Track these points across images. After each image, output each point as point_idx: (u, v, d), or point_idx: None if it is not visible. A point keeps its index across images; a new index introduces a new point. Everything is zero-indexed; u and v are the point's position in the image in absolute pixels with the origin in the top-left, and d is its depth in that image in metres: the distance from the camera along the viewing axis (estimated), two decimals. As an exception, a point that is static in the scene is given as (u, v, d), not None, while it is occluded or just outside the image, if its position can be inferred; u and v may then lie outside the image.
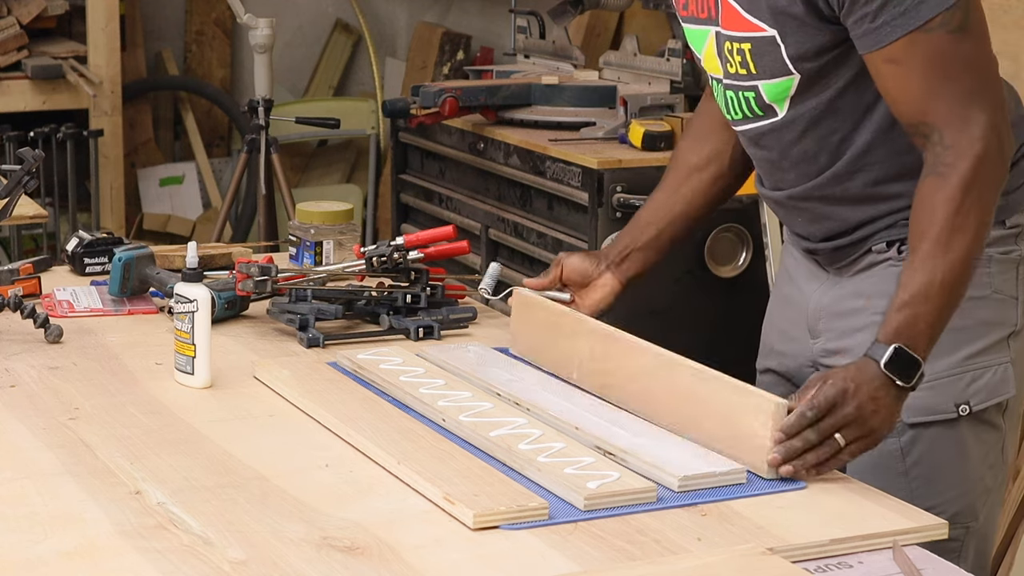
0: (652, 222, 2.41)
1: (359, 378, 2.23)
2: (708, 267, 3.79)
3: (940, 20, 1.96)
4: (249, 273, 2.44)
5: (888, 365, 1.92)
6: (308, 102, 6.15)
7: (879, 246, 2.16)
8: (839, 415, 1.90)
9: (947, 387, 2.13)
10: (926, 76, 1.98)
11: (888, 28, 1.97)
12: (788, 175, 2.20)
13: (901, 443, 2.14)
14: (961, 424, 2.14)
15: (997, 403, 2.16)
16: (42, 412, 2.10)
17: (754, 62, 2.10)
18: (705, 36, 2.18)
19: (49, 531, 1.72)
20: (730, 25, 2.11)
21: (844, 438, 1.90)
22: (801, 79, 2.09)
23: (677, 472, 1.85)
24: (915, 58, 1.98)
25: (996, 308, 2.15)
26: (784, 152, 2.18)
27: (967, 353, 2.14)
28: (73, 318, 2.51)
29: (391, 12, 6.38)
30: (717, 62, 2.17)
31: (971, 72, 1.99)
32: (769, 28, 2.06)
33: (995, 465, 2.18)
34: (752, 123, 2.18)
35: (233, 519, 1.76)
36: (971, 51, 1.99)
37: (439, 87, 4.17)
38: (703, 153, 2.40)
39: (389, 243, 2.56)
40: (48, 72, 5.25)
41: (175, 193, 6.09)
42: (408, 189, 4.61)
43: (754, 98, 2.14)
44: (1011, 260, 2.16)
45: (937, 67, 1.98)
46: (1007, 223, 2.15)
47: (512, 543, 1.72)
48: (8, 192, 2.57)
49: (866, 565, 1.72)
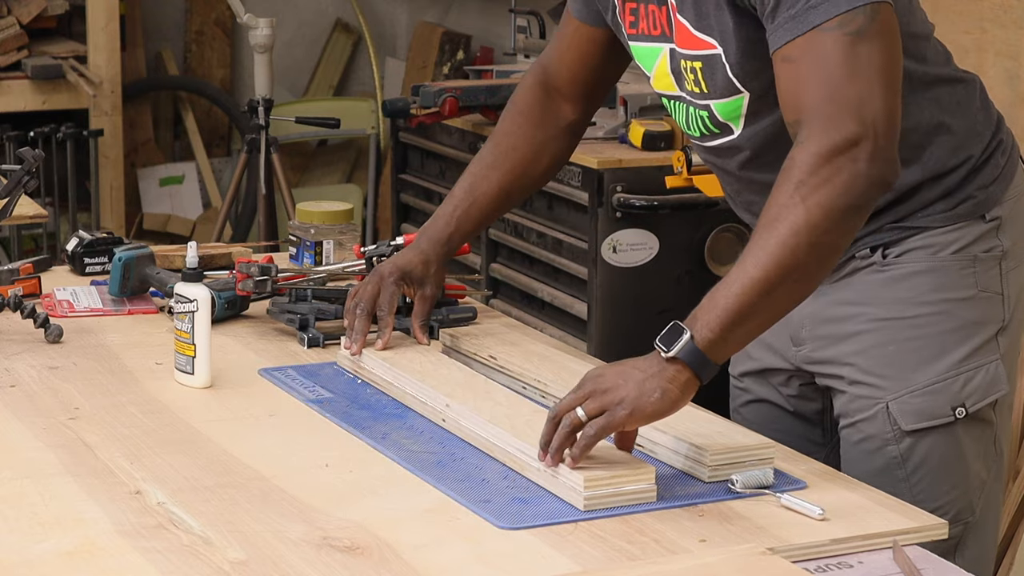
0: (487, 215, 2.38)
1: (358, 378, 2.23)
2: (708, 267, 3.79)
3: (839, 21, 1.88)
4: (249, 273, 2.44)
5: (660, 337, 1.86)
6: (308, 102, 6.15)
7: (862, 252, 2.14)
8: (579, 393, 1.84)
9: (942, 391, 2.12)
10: (812, 75, 1.89)
11: (785, 28, 1.91)
12: (757, 196, 2.16)
13: (900, 450, 2.14)
14: (957, 426, 2.13)
15: (991, 402, 2.16)
16: (42, 412, 2.10)
17: (705, 81, 2.07)
18: (657, 54, 2.14)
19: (49, 531, 1.72)
20: (683, 43, 2.08)
21: (587, 412, 1.82)
22: (751, 98, 2.05)
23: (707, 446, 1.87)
24: (806, 57, 1.90)
25: (984, 307, 2.15)
26: (747, 170, 2.15)
27: (959, 356, 2.13)
28: (73, 318, 2.51)
29: (391, 12, 6.38)
30: (671, 79, 2.14)
31: (857, 79, 1.88)
32: (717, 45, 2.03)
33: (989, 458, 2.18)
34: (711, 140, 2.15)
35: (233, 519, 1.76)
36: (866, 58, 1.89)
37: (439, 87, 4.17)
38: (546, 157, 2.37)
39: (389, 243, 2.56)
40: (48, 72, 5.25)
41: (175, 193, 6.09)
42: (408, 189, 4.61)
43: (708, 116, 2.11)
44: (993, 257, 2.15)
45: (825, 67, 1.89)
46: (987, 216, 2.14)
47: (512, 543, 1.72)
48: (8, 192, 2.57)
49: (866, 565, 1.72)
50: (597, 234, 3.71)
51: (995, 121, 2.19)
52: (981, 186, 2.14)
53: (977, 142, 2.14)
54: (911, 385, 2.12)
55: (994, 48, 3.72)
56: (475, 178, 2.37)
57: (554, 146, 2.38)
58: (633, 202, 3.68)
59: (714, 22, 2.02)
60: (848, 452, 2.18)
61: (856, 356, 2.13)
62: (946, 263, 2.13)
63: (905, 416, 2.12)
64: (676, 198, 3.67)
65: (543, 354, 2.25)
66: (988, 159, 2.15)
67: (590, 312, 3.76)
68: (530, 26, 4.74)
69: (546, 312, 3.98)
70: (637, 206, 3.68)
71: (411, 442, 2.01)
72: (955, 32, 3.72)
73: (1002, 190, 2.15)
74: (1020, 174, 2.19)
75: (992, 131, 2.17)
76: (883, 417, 2.13)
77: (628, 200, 3.69)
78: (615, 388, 1.83)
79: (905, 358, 2.11)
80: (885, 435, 2.13)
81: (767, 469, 1.88)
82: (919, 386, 2.12)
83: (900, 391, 2.12)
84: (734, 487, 1.85)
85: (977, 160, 2.14)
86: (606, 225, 3.70)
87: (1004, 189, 2.16)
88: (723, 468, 1.88)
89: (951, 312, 2.12)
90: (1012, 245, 2.16)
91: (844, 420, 2.18)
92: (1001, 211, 2.15)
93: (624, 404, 1.82)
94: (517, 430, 1.94)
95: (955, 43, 3.40)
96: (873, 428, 2.13)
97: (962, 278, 2.12)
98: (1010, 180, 2.17)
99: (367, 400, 2.17)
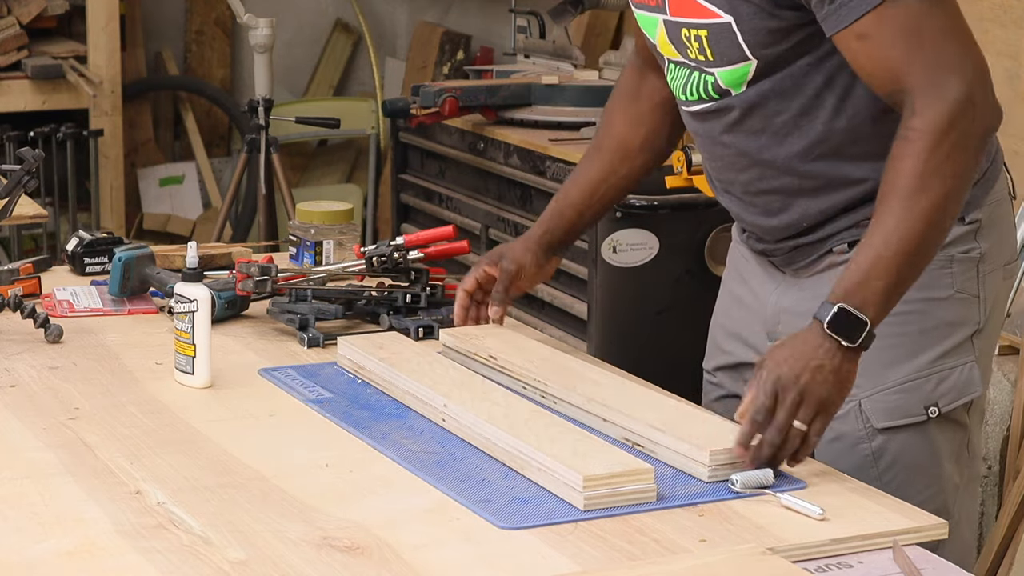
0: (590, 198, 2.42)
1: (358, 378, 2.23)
2: (708, 267, 3.79)
3: None
4: (249, 273, 2.44)
5: (831, 325, 1.89)
6: (308, 102, 6.15)
7: (840, 247, 2.14)
8: (787, 404, 1.88)
9: (915, 390, 2.12)
10: (898, 47, 1.95)
11: (851, 5, 1.95)
12: (735, 174, 2.19)
13: (872, 448, 2.14)
14: (930, 425, 2.13)
15: (964, 403, 2.16)
16: (42, 412, 2.10)
17: (711, 48, 2.08)
18: (656, 23, 2.16)
19: (49, 531, 1.72)
20: (682, 12, 2.09)
21: (803, 422, 1.88)
22: (758, 64, 2.07)
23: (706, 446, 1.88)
24: (886, 30, 1.95)
25: (960, 308, 2.15)
26: (731, 134, 2.15)
27: (934, 355, 2.13)
28: (73, 318, 2.51)
29: (391, 12, 6.38)
30: (671, 47, 2.16)
31: (947, 40, 1.96)
32: (724, 15, 2.05)
33: (962, 462, 2.18)
34: (704, 104, 2.16)
35: (233, 519, 1.76)
36: (944, 19, 1.96)
37: (439, 87, 4.17)
38: (642, 131, 2.40)
39: (389, 243, 2.56)
40: (48, 72, 5.25)
41: (175, 193, 6.09)
42: (408, 189, 4.61)
43: (712, 83, 2.13)
44: (971, 259, 2.15)
45: (911, 36, 1.95)
46: (967, 219, 2.14)
47: (512, 543, 1.72)
48: (8, 192, 2.57)
49: (866, 565, 1.72)
50: (597, 234, 3.71)
51: None
52: None
53: None
54: (884, 383, 2.12)
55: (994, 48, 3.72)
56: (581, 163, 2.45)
57: (650, 119, 2.40)
58: (633, 202, 3.68)
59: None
60: (821, 450, 2.17)
61: None
62: None
63: (877, 414, 2.12)
64: (676, 198, 3.67)
65: (543, 355, 2.25)
66: None
67: (590, 312, 3.76)
68: (530, 26, 4.74)
69: (546, 312, 3.97)
70: (637, 206, 3.68)
71: (411, 442, 2.01)
72: (955, 32, 3.72)
73: (983, 193, 2.16)
74: (1002, 179, 2.20)
75: None
76: (855, 415, 2.13)
77: (628, 200, 3.69)
78: (815, 387, 1.89)
79: (879, 356, 2.10)
80: (857, 433, 2.13)
81: (767, 469, 1.88)
82: (892, 384, 2.12)
83: (873, 389, 2.12)
84: (734, 487, 1.85)
85: None
86: (606, 225, 3.70)
87: (985, 193, 2.16)
88: (723, 468, 1.88)
89: (927, 311, 2.12)
90: (990, 249, 2.16)
91: None
92: (981, 214, 2.15)
93: (831, 407, 1.91)
94: (515, 430, 1.94)
95: (955, 43, 3.41)
96: (846, 426, 2.13)
97: (939, 278, 2.12)
98: (992, 184, 2.17)
99: (367, 400, 2.17)
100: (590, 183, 2.43)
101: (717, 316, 2.39)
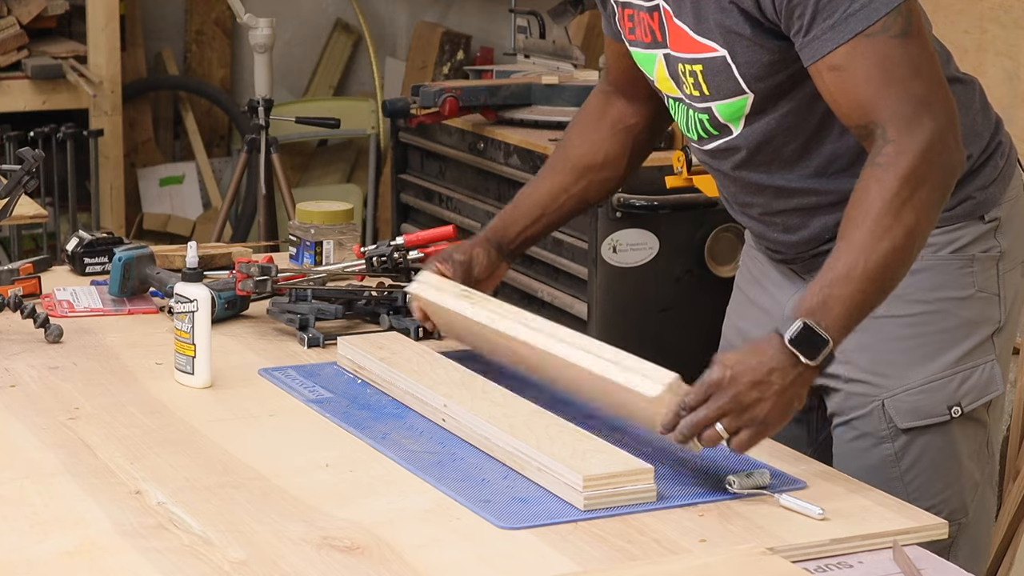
0: (541, 210, 2.40)
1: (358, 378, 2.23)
2: (708, 267, 3.79)
3: (882, 25, 1.92)
4: (249, 273, 2.44)
5: (794, 340, 1.86)
6: (308, 102, 6.15)
7: None
8: (713, 408, 1.85)
9: (939, 390, 2.13)
10: (871, 81, 1.94)
11: (825, 37, 1.94)
12: (752, 198, 2.19)
13: (895, 448, 2.14)
14: (952, 425, 2.14)
15: (986, 402, 2.16)
16: (42, 412, 2.10)
17: (707, 83, 2.08)
18: (654, 59, 2.15)
19: (49, 531, 1.72)
20: (680, 47, 2.09)
21: (727, 430, 1.85)
22: (755, 98, 2.07)
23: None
24: (858, 64, 1.94)
25: (981, 307, 2.15)
26: (741, 170, 2.16)
27: (956, 355, 2.13)
28: (73, 318, 2.52)
29: (391, 12, 6.38)
30: (671, 83, 2.16)
31: (919, 77, 1.94)
32: (720, 48, 2.04)
33: (982, 459, 2.19)
34: (709, 143, 2.16)
35: (233, 519, 1.76)
36: (917, 55, 1.95)
37: (439, 87, 4.17)
38: (600, 155, 2.38)
39: (389, 243, 2.56)
40: (48, 72, 5.25)
41: (175, 193, 6.09)
42: (408, 189, 4.61)
43: (707, 119, 2.12)
44: (991, 257, 2.16)
45: (884, 71, 1.94)
46: (986, 217, 2.15)
47: (512, 543, 1.72)
48: (8, 192, 2.57)
49: (866, 565, 1.72)
50: (597, 234, 3.71)
51: (994, 123, 2.20)
52: (980, 187, 2.14)
53: (976, 143, 2.14)
54: (907, 383, 2.12)
55: (994, 48, 3.72)
56: (536, 178, 2.44)
57: (608, 144, 2.39)
58: (633, 202, 3.68)
59: (714, 25, 2.03)
60: (841, 450, 2.18)
61: (854, 353, 2.13)
62: (945, 262, 2.13)
63: (901, 414, 2.13)
64: (676, 198, 3.67)
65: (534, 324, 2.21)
66: (987, 160, 2.15)
67: (590, 312, 3.76)
68: (530, 26, 4.74)
69: (546, 312, 3.97)
70: (637, 206, 3.68)
71: (411, 442, 2.01)
72: (955, 32, 3.72)
73: (1000, 191, 2.16)
74: (1018, 177, 2.20)
75: (991, 132, 2.18)
76: (879, 414, 2.13)
77: (628, 200, 3.69)
78: (754, 405, 1.85)
79: (902, 356, 2.11)
80: (880, 433, 2.14)
81: (762, 470, 1.88)
82: (915, 384, 2.12)
83: (896, 389, 2.12)
84: (731, 487, 1.85)
85: (976, 161, 2.14)
86: (606, 225, 3.70)
87: (1003, 191, 2.16)
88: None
89: (949, 311, 2.13)
90: (1009, 247, 2.17)
91: (838, 418, 2.18)
92: (999, 212, 2.16)
93: (768, 424, 1.86)
94: (515, 430, 1.94)
95: (955, 43, 3.41)
96: (868, 426, 2.14)
97: (960, 277, 2.13)
98: (1008, 182, 2.18)
99: (367, 400, 2.17)
100: (542, 198, 2.41)
101: (731, 317, 2.40)
